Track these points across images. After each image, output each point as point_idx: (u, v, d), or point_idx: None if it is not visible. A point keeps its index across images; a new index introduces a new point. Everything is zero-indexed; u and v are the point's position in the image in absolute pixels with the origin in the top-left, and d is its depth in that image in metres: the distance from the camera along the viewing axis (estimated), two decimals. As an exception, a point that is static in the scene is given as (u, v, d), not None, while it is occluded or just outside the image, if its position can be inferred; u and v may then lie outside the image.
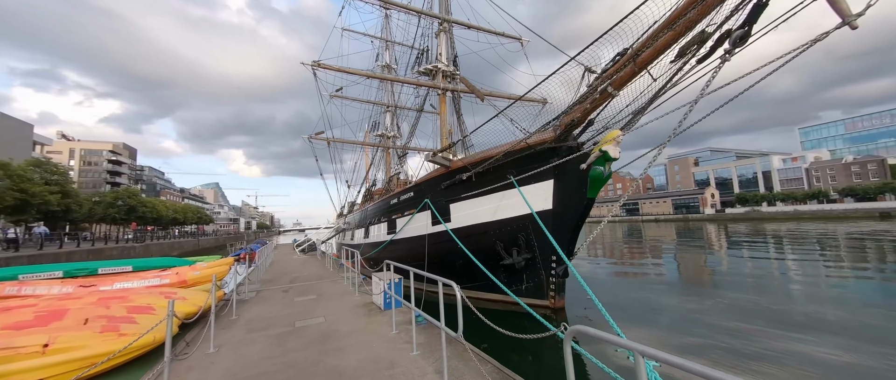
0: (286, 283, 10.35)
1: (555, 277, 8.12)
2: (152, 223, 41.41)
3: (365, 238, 16.04)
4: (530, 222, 8.43)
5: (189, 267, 7.37)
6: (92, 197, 33.92)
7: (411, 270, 4.78)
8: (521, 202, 8.51)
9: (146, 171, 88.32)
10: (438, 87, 14.58)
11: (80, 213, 31.52)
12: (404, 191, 12.04)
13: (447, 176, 9.84)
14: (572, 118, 7.20)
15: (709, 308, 8.44)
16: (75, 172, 64.56)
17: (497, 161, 8.31)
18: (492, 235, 8.98)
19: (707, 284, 11.57)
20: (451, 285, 3.49)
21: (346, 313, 6.42)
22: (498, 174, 8.69)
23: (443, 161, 9.63)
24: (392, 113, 26.51)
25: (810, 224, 40.86)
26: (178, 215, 48.13)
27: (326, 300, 7.58)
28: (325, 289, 9.01)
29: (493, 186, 8.74)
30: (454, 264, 9.90)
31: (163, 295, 5.75)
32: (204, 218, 66.28)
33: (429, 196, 10.50)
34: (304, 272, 12.68)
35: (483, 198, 9.06)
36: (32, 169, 22.89)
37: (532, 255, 8.42)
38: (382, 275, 6.73)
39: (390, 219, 13.08)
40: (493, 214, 8.90)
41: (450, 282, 3.54)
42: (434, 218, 10.23)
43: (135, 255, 25.76)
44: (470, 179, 9.17)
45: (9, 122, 50.05)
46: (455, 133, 15.46)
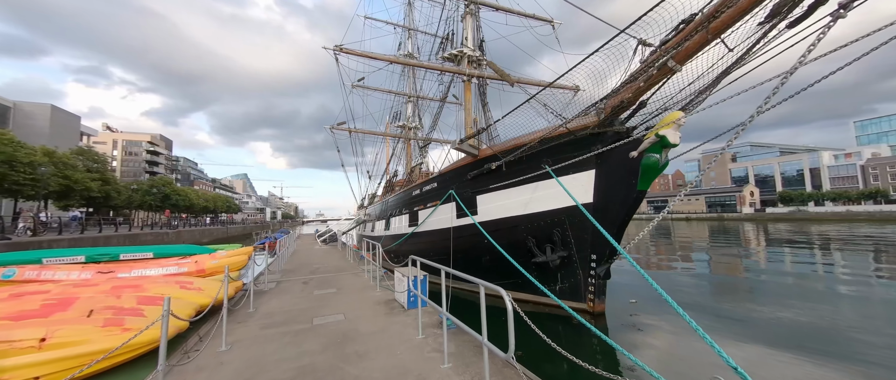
0: (307, 273, 10.09)
1: (594, 278, 7.31)
2: (185, 211, 43.38)
3: (385, 230, 15.68)
4: (567, 217, 7.64)
5: (209, 255, 7.18)
6: (130, 185, 35.79)
7: (443, 269, 4.17)
8: (556, 194, 7.71)
9: (181, 161, 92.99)
10: (464, 72, 13.80)
11: (120, 200, 33.33)
12: (427, 181, 11.47)
13: (474, 165, 9.15)
14: (621, 100, 6.30)
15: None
16: (118, 162, 68.81)
17: (531, 149, 7.52)
18: (522, 229, 8.25)
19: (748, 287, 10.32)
20: (499, 292, 2.85)
21: (366, 310, 5.94)
22: (531, 164, 7.91)
23: (470, 149, 8.94)
24: (414, 103, 25.96)
25: (866, 227, 36.72)
26: (209, 204, 50.21)
27: (346, 295, 7.16)
28: (346, 282, 8.63)
29: (526, 177, 7.98)
30: (480, 260, 9.27)
31: (179, 284, 5.50)
32: (233, 207, 69.07)
33: (453, 187, 9.87)
34: (324, 263, 12.45)
35: (514, 189, 8.32)
36: (76, 157, 24.21)
37: (568, 253, 7.63)
38: (406, 270, 6.19)
39: (412, 211, 12.58)
40: (525, 206, 8.15)
41: (496, 288, 2.90)
42: (459, 210, 9.60)
43: (167, 240, 26.88)
44: (499, 169, 8.44)
45: (59, 114, 53.77)
46: (481, 124, 14.68)
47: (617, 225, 6.98)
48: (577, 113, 6.96)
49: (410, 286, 5.75)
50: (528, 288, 8.30)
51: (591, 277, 7.36)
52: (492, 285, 2.98)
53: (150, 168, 69.12)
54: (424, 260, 4.78)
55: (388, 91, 25.02)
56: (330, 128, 22.48)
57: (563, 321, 7.52)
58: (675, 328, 6.66)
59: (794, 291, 9.86)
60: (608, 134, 6.94)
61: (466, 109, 14.66)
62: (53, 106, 52.46)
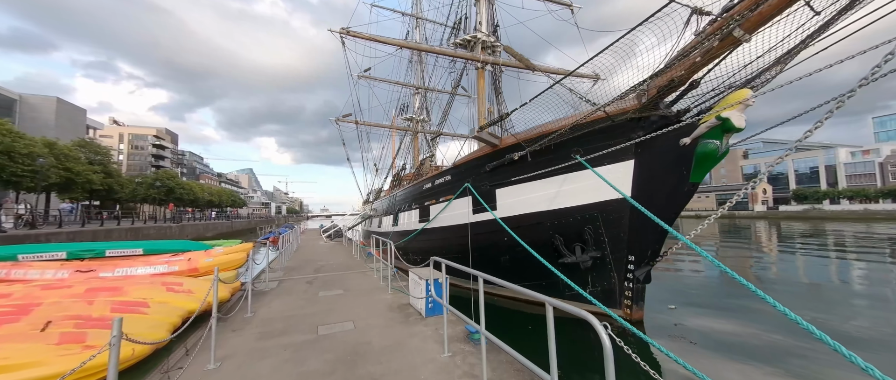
0: (311, 272, 9.42)
1: (632, 282, 6.51)
2: (190, 205, 43.14)
3: (393, 226, 14.97)
4: (600, 213, 6.84)
5: (203, 252, 6.52)
6: (134, 178, 35.51)
7: (480, 276, 3.40)
8: (587, 188, 6.91)
9: (187, 155, 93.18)
10: (478, 59, 12.95)
11: (124, 193, 33.05)
12: (440, 174, 10.71)
13: (493, 156, 8.36)
14: (671, 78, 5.46)
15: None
16: (124, 156, 68.95)
17: (562, 136, 6.71)
18: (548, 227, 7.46)
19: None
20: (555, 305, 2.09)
21: (378, 317, 5.22)
22: (559, 154, 7.10)
23: (490, 138, 8.14)
24: (421, 95, 25.14)
25: (884, 226, 35.25)
26: (214, 198, 49.97)
27: (355, 298, 6.45)
28: (353, 282, 7.93)
29: (553, 169, 7.17)
30: (497, 260, 8.52)
31: (166, 286, 4.84)
32: (238, 201, 68.97)
33: (469, 180, 9.09)
34: (330, 260, 11.79)
35: (538, 182, 7.52)
36: (78, 149, 23.81)
37: (601, 254, 6.84)
38: (424, 272, 5.45)
39: (423, 205, 11.84)
40: (551, 201, 7.36)
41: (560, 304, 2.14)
42: (476, 205, 8.83)
43: (170, 234, 26.49)
44: (523, 160, 7.64)
45: (65, 106, 53.73)
46: (497, 111, 13.84)
47: (664, 221, 6.15)
48: (616, 96, 6.11)
49: (431, 291, 5.02)
50: (553, 292, 7.54)
51: (628, 282, 6.57)
52: (559, 302, 2.22)
53: (156, 162, 69.18)
54: (450, 263, 4.02)
55: (395, 82, 24.22)
56: (335, 120, 21.78)
57: (588, 326, 6.77)
58: (735, 340, 5.87)
59: (850, 296, 8.99)
60: (651, 119, 6.11)
61: (480, 98, 13.83)
62: (59, 99, 52.37)
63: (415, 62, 25.55)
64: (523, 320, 7.57)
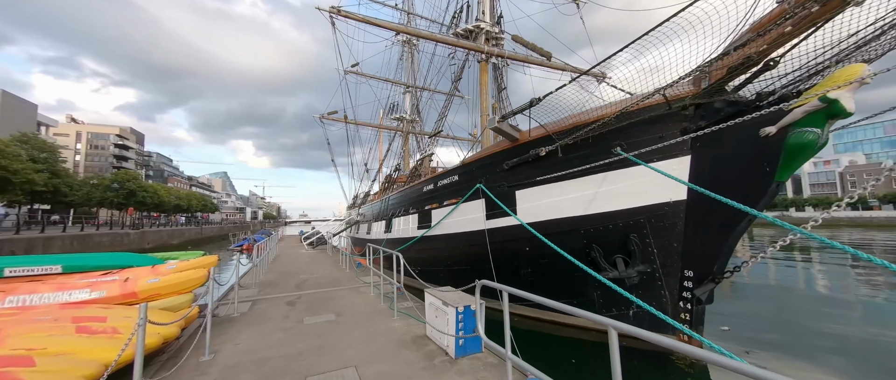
0: (292, 288, 7.85)
1: (691, 302, 5.44)
2: (155, 210, 39.55)
3: (386, 233, 13.49)
4: (649, 219, 5.77)
5: (148, 270, 4.92)
6: (89, 179, 31.98)
7: (560, 306, 2.17)
8: (632, 189, 5.85)
9: (154, 157, 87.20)
10: (482, 50, 11.87)
11: (78, 196, 29.60)
12: (445, 174, 9.43)
13: (513, 152, 7.19)
14: (747, 55, 4.48)
15: None
16: (82, 156, 63.39)
17: (605, 126, 5.61)
18: (582, 235, 6.33)
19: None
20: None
21: (391, 359, 3.84)
22: (597, 148, 6.01)
23: (510, 131, 6.97)
24: (412, 94, 23.87)
25: (846, 231, 37.97)
26: (182, 203, 46.24)
27: (352, 326, 5.02)
28: (346, 303, 6.47)
29: (590, 166, 6.06)
30: (517, 273, 7.30)
31: (77, 324, 3.27)
32: (209, 206, 64.61)
33: (482, 181, 7.88)
34: (314, 273, 10.20)
35: (571, 182, 6.39)
36: (17, 144, 20.80)
37: (650, 268, 5.75)
38: (448, 295, 4.12)
39: (422, 210, 10.49)
40: (588, 205, 6.23)
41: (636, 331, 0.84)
42: (491, 208, 7.60)
43: (128, 242, 23.68)
44: (551, 157, 6.50)
45: (12, 100, 48.68)
46: (501, 109, 12.76)
47: (724, 231, 5.13)
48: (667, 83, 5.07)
49: (459, 324, 3.70)
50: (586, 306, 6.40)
51: (686, 302, 5.48)
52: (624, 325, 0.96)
53: (119, 163, 63.92)
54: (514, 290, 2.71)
55: (386, 80, 22.86)
56: (320, 117, 20.10)
57: (637, 356, 5.65)
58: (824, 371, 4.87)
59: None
60: (714, 106, 5.12)
61: (483, 93, 12.72)
62: (4, 91, 47.42)
63: (405, 59, 24.32)
64: (546, 342, 6.38)
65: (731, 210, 4.98)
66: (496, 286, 2.71)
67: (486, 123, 12.71)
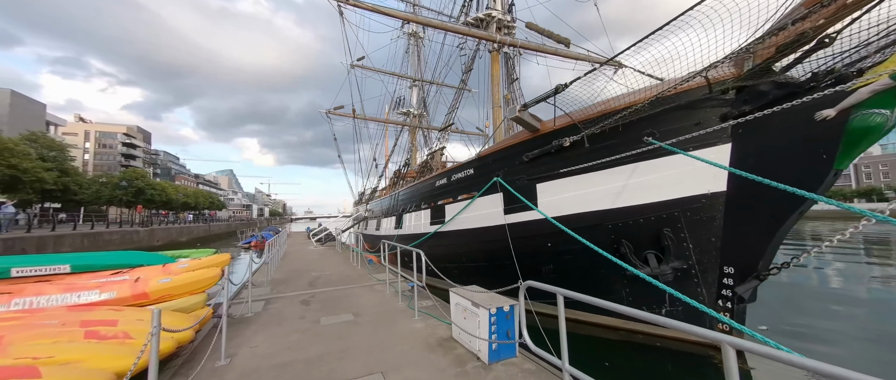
0: (305, 286, 7.65)
1: (731, 301, 5.11)
2: (163, 207, 39.83)
3: (396, 229, 13.25)
4: (684, 212, 5.42)
5: (160, 268, 4.70)
6: (98, 178, 32.20)
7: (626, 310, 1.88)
8: (665, 180, 5.50)
9: (161, 155, 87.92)
10: (494, 39, 11.47)
11: (87, 194, 29.81)
12: (459, 168, 9.12)
13: (534, 143, 6.85)
14: (800, 32, 4.09)
15: None
16: (90, 155, 64.08)
17: (637, 114, 5.25)
18: (609, 229, 6.00)
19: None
20: None
21: (419, 364, 3.58)
22: (627, 137, 5.66)
23: (531, 122, 6.63)
24: (419, 88, 23.49)
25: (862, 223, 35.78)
26: (190, 200, 46.54)
27: (372, 327, 4.77)
28: (363, 302, 6.24)
29: (618, 157, 5.71)
30: (538, 270, 7.00)
31: (86, 328, 3.05)
32: (216, 204, 65.09)
33: (499, 174, 7.56)
34: (325, 270, 10.00)
35: (598, 174, 6.05)
36: (26, 143, 20.87)
37: (686, 264, 5.41)
38: (479, 296, 3.85)
39: (435, 205, 10.21)
40: (616, 197, 5.89)
41: None
42: (510, 203, 7.30)
43: (138, 240, 23.78)
44: (575, 147, 6.16)
45: (20, 100, 49.16)
46: (514, 100, 12.38)
47: (770, 224, 4.77)
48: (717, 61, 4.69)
49: (492, 327, 3.43)
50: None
51: (725, 300, 5.15)
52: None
53: (127, 162, 64.48)
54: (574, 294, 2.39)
55: (391, 73, 22.49)
56: (326, 112, 19.84)
57: (669, 357, 5.35)
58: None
59: None
60: (760, 89, 4.73)
61: (494, 84, 12.35)
62: (13, 91, 47.87)
63: (412, 52, 23.92)
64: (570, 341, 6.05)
65: (779, 202, 4.64)
66: (551, 289, 2.41)
67: (498, 114, 12.35)
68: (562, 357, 2.24)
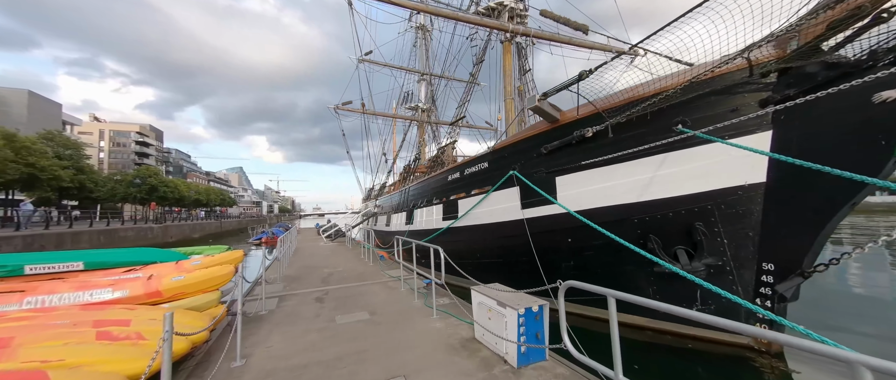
0: (318, 283, 7.53)
1: (771, 299, 4.79)
2: (175, 204, 40.48)
3: (407, 224, 13.10)
4: (717, 204, 5.10)
5: (173, 266, 4.59)
6: (113, 176, 32.80)
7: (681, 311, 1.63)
8: (697, 171, 5.17)
9: (173, 153, 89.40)
10: (506, 28, 11.11)
11: (102, 192, 30.41)
12: (472, 161, 8.87)
13: (553, 135, 6.56)
14: (858, 5, 3.73)
15: None
16: (105, 153, 65.48)
17: (667, 100, 4.92)
18: (635, 224, 5.70)
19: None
20: None
21: (443, 367, 3.38)
22: (655, 126, 5.34)
23: (551, 112, 6.32)
24: (427, 82, 23.20)
25: (883, 217, 33.82)
26: (201, 197, 47.25)
27: (389, 327, 4.60)
28: (378, 299, 6.07)
29: (647, 147, 5.39)
30: (557, 266, 6.74)
31: (98, 329, 2.92)
32: (227, 201, 66.04)
33: (516, 167, 7.29)
34: (337, 266, 9.90)
35: (623, 166, 5.74)
36: (44, 142, 21.27)
37: (720, 261, 5.10)
38: (505, 295, 3.62)
39: (448, 200, 9.99)
40: (642, 190, 5.58)
41: None
42: (528, 196, 7.03)
43: (152, 236, 24.16)
44: (598, 138, 5.85)
45: (37, 100, 50.31)
46: (527, 91, 12.03)
47: (826, 216, 4.41)
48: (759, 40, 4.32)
49: (520, 328, 3.20)
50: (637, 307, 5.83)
51: (764, 299, 4.84)
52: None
53: (140, 160, 65.73)
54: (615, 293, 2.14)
55: (399, 68, 22.23)
56: (335, 108, 19.71)
57: (701, 359, 5.07)
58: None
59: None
60: (805, 70, 4.36)
61: (506, 76, 12.01)
62: (31, 92, 49.00)
63: (419, 46, 23.59)
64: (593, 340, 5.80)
65: (830, 192, 4.29)
66: (599, 291, 2.16)
67: (510, 107, 12.02)
68: (614, 367, 2.00)
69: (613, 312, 2.05)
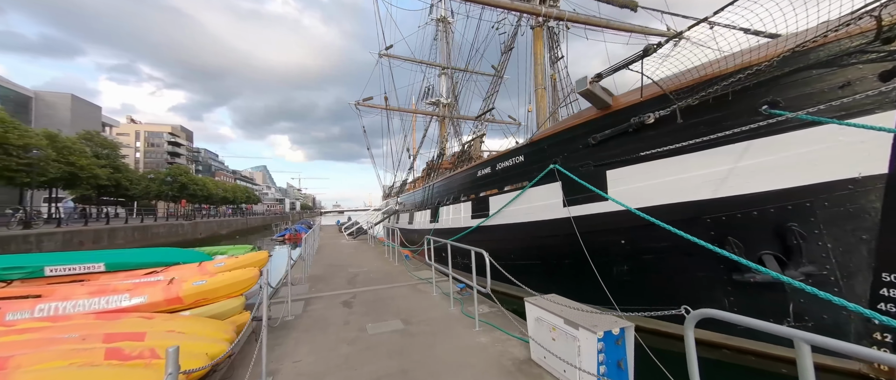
0: (344, 284, 7.14)
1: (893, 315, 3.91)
2: (204, 201, 41.95)
3: (431, 222, 12.60)
4: (817, 203, 4.23)
5: (195, 267, 4.25)
6: (147, 174, 34.25)
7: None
8: (792, 162, 4.31)
9: (202, 153, 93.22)
10: (538, 12, 10.32)
11: (138, 190, 31.79)
12: (507, 155, 8.20)
13: (603, 123, 5.81)
14: None
15: None
16: (141, 153, 69.04)
17: (756, 77, 4.10)
18: (708, 225, 4.90)
19: None
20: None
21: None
22: (734, 109, 4.51)
23: (603, 96, 5.57)
24: (448, 77, 22.58)
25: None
26: (228, 195, 48.81)
27: (427, 338, 4.07)
28: (410, 305, 5.57)
29: (726, 134, 4.58)
30: (609, 271, 5.96)
31: (108, 343, 2.54)
32: (252, 198, 68.14)
33: (557, 160, 6.58)
34: (362, 265, 9.53)
35: (692, 156, 4.94)
36: (82, 142, 22.28)
37: (821, 269, 4.24)
38: (571, 311, 2.99)
39: (477, 197, 9.38)
40: (718, 185, 4.77)
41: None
42: (571, 193, 6.31)
43: (183, 233, 24.93)
44: (661, 124, 5.06)
45: (80, 104, 53.47)
46: (560, 80, 11.21)
47: None
48: None
49: (599, 356, 2.57)
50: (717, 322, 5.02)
51: (885, 315, 3.96)
52: None
53: (172, 160, 68.87)
54: (797, 332, 1.47)
55: (420, 62, 21.72)
56: (355, 104, 19.47)
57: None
58: None
59: None
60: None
61: (537, 64, 11.23)
62: (73, 96, 52.10)
63: (440, 39, 22.98)
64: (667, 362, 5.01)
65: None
66: (786, 332, 1.51)
67: (542, 97, 11.24)
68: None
69: (809, 360, 1.40)
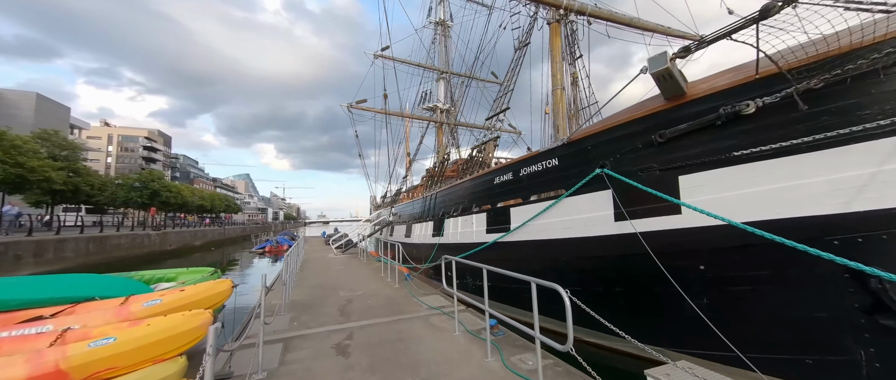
0: (336, 315, 5.59)
1: None
2: (179, 210, 39.03)
3: (434, 236, 11.13)
4: None
5: (115, 307, 2.66)
6: (114, 179, 31.47)
7: None
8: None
9: (181, 159, 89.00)
10: (560, 3, 9.33)
11: (104, 196, 29.01)
12: (535, 157, 6.92)
13: (673, 115, 4.63)
14: None
15: None
16: (112, 158, 65.00)
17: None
18: (836, 247, 3.67)
19: None
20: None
21: None
22: (877, 92, 3.39)
23: (679, 80, 4.40)
24: (446, 81, 21.53)
25: None
26: (205, 202, 45.79)
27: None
28: (426, 349, 4.11)
29: (866, 128, 3.43)
30: (679, 306, 4.64)
31: None
32: (232, 207, 64.72)
33: (606, 163, 5.35)
34: (356, 287, 7.97)
35: (810, 157, 3.76)
36: (36, 141, 19.88)
37: None
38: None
39: (494, 207, 8.04)
40: (854, 196, 3.58)
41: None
42: (627, 204, 5.04)
43: (149, 244, 22.47)
44: (763, 115, 3.91)
45: (45, 103, 49.85)
46: (580, 79, 10.17)
47: None
48: None
49: None
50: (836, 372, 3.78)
51: None
52: None
53: (147, 165, 65.01)
54: None
55: (417, 64, 20.62)
56: (348, 106, 18.05)
57: None
58: None
59: None
60: None
61: (554, 62, 10.19)
62: (39, 95, 48.60)
63: (438, 43, 22.03)
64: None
65: None
66: None
67: (560, 98, 10.16)
68: None
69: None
